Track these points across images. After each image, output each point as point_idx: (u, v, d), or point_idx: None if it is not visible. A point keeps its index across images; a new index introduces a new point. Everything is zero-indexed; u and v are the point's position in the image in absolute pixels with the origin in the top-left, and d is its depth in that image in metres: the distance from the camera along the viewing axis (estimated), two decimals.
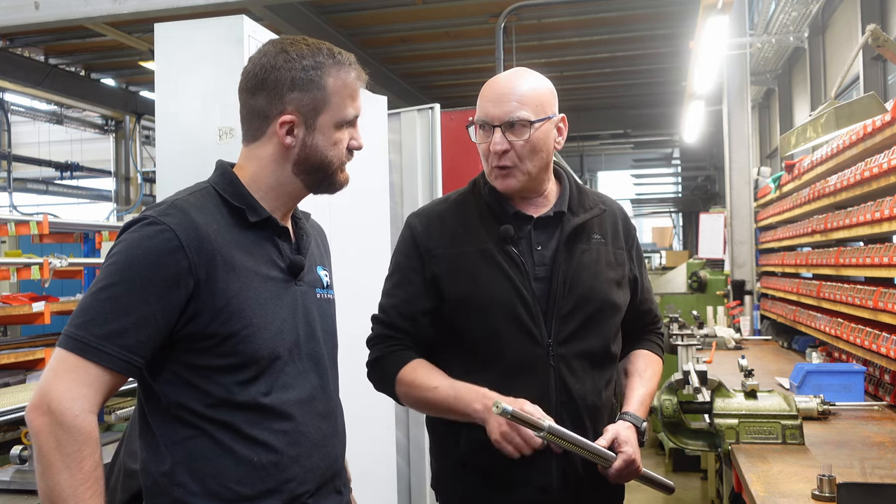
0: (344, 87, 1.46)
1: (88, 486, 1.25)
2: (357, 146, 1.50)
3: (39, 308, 4.53)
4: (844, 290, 3.29)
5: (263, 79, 1.43)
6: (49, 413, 1.24)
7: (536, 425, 1.52)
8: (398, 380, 1.73)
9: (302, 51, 1.44)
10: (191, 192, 1.44)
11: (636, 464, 1.66)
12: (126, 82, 11.14)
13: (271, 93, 1.43)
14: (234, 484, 1.36)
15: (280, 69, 1.42)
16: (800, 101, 8.68)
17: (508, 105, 1.67)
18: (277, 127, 1.43)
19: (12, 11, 5.44)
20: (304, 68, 1.42)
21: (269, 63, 1.43)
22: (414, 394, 1.72)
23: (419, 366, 1.72)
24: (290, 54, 1.43)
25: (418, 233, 1.77)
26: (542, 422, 1.53)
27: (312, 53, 1.44)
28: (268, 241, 1.45)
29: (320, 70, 1.43)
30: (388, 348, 1.76)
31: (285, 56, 1.43)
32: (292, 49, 1.44)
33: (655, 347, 1.94)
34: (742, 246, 6.25)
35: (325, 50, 1.46)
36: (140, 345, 1.30)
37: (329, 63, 1.44)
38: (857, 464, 2.15)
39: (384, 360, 1.76)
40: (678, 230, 18.37)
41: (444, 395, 1.66)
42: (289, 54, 1.43)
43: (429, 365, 1.73)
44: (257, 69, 1.44)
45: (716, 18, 4.95)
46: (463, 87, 10.76)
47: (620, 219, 1.86)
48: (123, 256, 1.32)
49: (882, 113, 2.59)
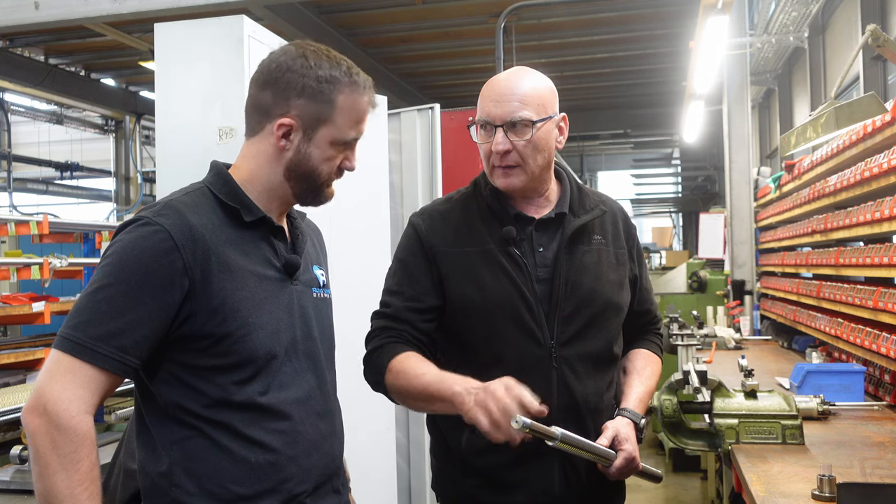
0: (353, 108, 1.45)
1: (85, 488, 1.25)
2: (349, 167, 1.49)
3: (39, 308, 4.53)
4: (844, 290, 3.28)
5: (276, 77, 1.43)
6: (45, 414, 1.24)
7: (549, 435, 1.50)
8: (388, 369, 1.66)
9: (321, 61, 1.43)
10: (185, 193, 1.44)
11: (636, 461, 1.67)
12: (126, 82, 11.14)
13: (279, 92, 1.43)
14: (231, 484, 1.36)
15: (294, 72, 1.42)
16: (800, 101, 8.68)
17: (510, 105, 1.66)
18: (275, 127, 1.43)
19: (12, 11, 5.44)
20: (318, 79, 1.42)
21: (285, 63, 1.43)
22: (400, 382, 1.64)
23: (410, 356, 1.67)
24: (309, 61, 1.42)
25: (422, 231, 1.77)
26: (555, 430, 1.51)
27: (331, 67, 1.43)
28: (263, 241, 1.45)
29: (333, 85, 1.42)
30: (385, 339, 1.70)
31: (303, 61, 1.42)
32: (313, 57, 1.43)
33: (654, 347, 1.94)
34: (742, 246, 6.25)
35: (344, 67, 1.45)
36: (135, 345, 1.30)
37: (345, 81, 1.44)
38: (857, 464, 2.15)
39: (379, 350, 1.70)
40: (678, 230, 18.37)
41: (427, 380, 1.59)
42: (307, 60, 1.42)
43: (421, 357, 1.67)
44: (273, 65, 1.44)
45: (716, 18, 4.96)
46: (463, 87, 10.76)
47: (621, 219, 1.86)
48: (118, 257, 1.32)
49: (882, 113, 2.59)
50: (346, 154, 1.48)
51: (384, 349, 1.70)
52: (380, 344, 1.71)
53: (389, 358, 1.67)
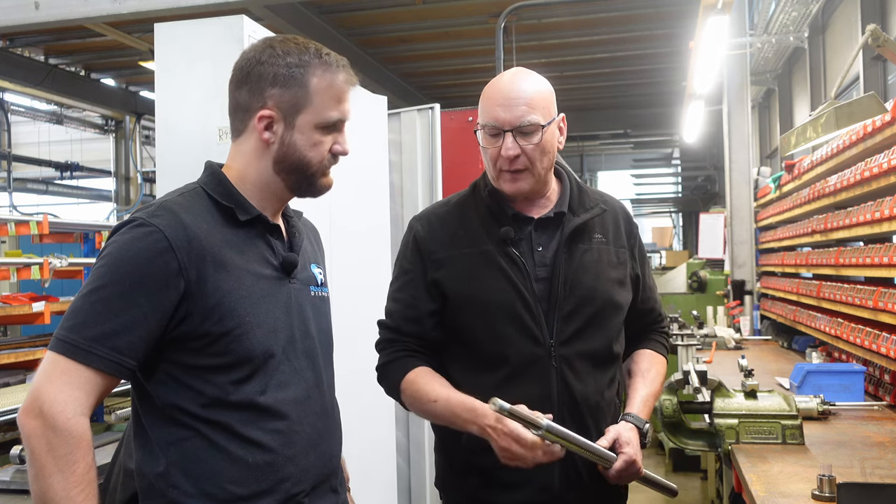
0: (328, 88, 1.44)
1: (81, 490, 1.25)
2: (341, 151, 1.48)
3: (39, 308, 4.53)
4: (844, 290, 3.28)
5: (248, 73, 1.43)
6: (41, 416, 1.24)
7: (534, 423, 1.52)
8: (402, 389, 1.75)
9: (289, 48, 1.43)
10: (180, 193, 1.43)
11: (637, 465, 1.66)
12: (126, 82, 11.14)
13: (253, 87, 1.43)
14: (228, 484, 1.35)
15: (263, 64, 1.42)
16: (800, 101, 8.68)
17: (518, 109, 1.66)
18: (256, 121, 1.43)
19: (12, 11, 5.45)
20: (287, 65, 1.42)
21: (254, 57, 1.43)
22: (416, 405, 1.75)
23: (419, 375, 1.72)
24: (276, 50, 1.43)
25: (420, 236, 1.78)
26: (540, 420, 1.52)
27: (299, 52, 1.43)
28: (259, 239, 1.45)
29: (304, 68, 1.42)
30: (393, 353, 1.77)
31: (271, 52, 1.43)
32: (279, 46, 1.44)
33: (660, 347, 1.93)
34: (742, 246, 6.25)
35: (312, 49, 1.45)
36: (131, 346, 1.29)
37: (315, 63, 1.43)
38: (857, 464, 2.15)
39: (389, 366, 1.77)
40: (678, 230, 18.37)
41: (441, 410, 1.68)
42: (275, 50, 1.43)
43: (430, 373, 1.73)
44: (243, 63, 1.45)
45: (716, 18, 4.96)
46: (463, 87, 10.76)
47: (622, 217, 1.86)
48: (113, 258, 1.32)
49: (882, 113, 2.59)
50: (334, 137, 1.46)
51: (393, 366, 1.77)
52: (388, 359, 1.78)
53: (400, 377, 1.75)
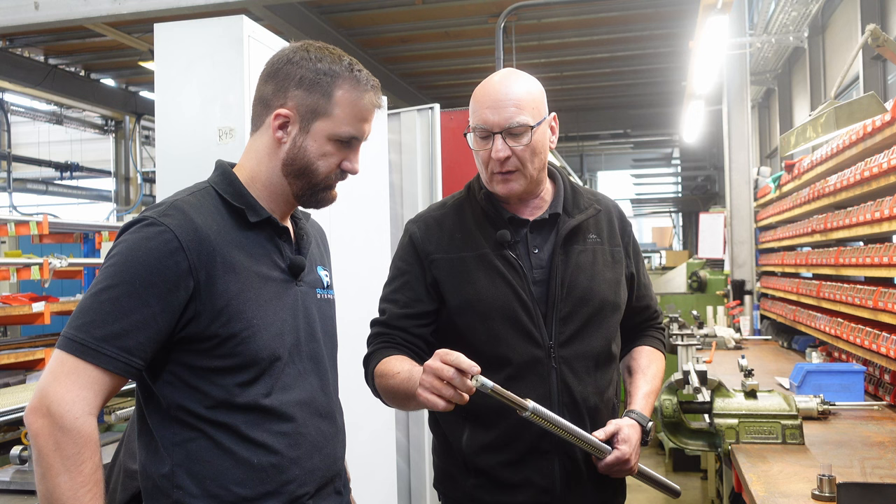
0: (352, 104, 1.43)
1: (88, 489, 1.25)
2: (351, 169, 1.47)
3: (39, 308, 4.53)
4: (844, 289, 3.29)
5: (277, 69, 1.44)
6: (48, 415, 1.24)
7: (519, 404, 1.48)
8: (375, 372, 1.69)
9: (323, 55, 1.44)
10: (190, 193, 1.43)
11: (630, 463, 1.66)
12: (126, 82, 11.15)
13: (279, 84, 1.43)
14: (233, 486, 1.35)
15: (294, 64, 1.43)
16: (800, 101, 8.68)
17: (507, 111, 1.66)
18: (272, 118, 1.43)
19: (12, 11, 5.45)
20: (316, 70, 1.42)
21: (287, 56, 1.44)
22: (381, 384, 1.67)
23: (392, 358, 1.67)
24: (310, 54, 1.44)
25: (417, 238, 1.78)
26: (526, 402, 1.49)
27: (332, 61, 1.44)
28: (268, 242, 1.45)
29: (332, 77, 1.42)
30: (377, 345, 1.74)
31: (304, 54, 1.44)
32: (315, 51, 1.44)
33: (657, 343, 1.93)
34: (742, 246, 6.25)
35: (346, 62, 1.45)
36: (140, 347, 1.29)
37: (345, 75, 1.43)
38: (857, 464, 2.15)
39: (371, 356, 1.74)
40: (678, 230, 18.37)
41: (399, 379, 1.59)
42: (308, 53, 1.44)
43: (402, 357, 1.68)
44: (276, 59, 1.46)
45: (715, 18, 4.96)
46: (463, 87, 10.76)
47: (616, 216, 1.86)
48: (123, 258, 1.31)
49: (882, 113, 2.59)
50: (346, 154, 1.46)
51: (374, 355, 1.73)
52: (371, 350, 1.75)
53: (376, 363, 1.69)
